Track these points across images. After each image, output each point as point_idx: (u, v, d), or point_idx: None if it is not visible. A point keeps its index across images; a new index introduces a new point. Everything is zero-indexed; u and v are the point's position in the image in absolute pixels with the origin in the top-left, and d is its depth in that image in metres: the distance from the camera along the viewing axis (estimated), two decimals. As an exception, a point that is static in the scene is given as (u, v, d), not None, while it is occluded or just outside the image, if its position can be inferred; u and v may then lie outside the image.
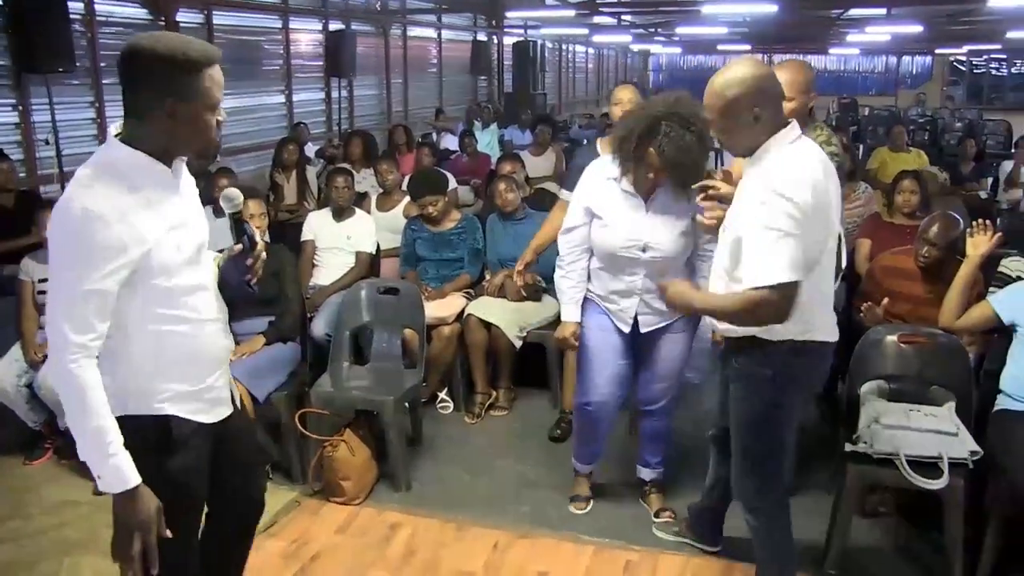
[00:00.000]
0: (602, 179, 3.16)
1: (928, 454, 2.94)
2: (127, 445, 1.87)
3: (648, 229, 3.09)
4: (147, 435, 1.98)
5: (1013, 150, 9.10)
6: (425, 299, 4.39)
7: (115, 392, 1.89)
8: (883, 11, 13.92)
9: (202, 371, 2.08)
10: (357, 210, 4.97)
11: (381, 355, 4.14)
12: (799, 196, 2.29)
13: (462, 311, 4.54)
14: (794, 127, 2.45)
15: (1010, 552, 2.96)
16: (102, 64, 7.65)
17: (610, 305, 3.27)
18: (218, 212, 5.16)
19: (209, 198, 5.31)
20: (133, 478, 1.86)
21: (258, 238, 2.20)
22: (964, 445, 2.97)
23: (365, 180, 6.78)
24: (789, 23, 17.20)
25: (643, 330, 3.26)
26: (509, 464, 4.02)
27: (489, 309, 4.46)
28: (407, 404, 4.01)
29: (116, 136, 1.92)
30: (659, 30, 21.00)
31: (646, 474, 3.62)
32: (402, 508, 3.63)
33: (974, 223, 3.47)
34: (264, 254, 2.21)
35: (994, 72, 32.24)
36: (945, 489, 2.89)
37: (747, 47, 26.99)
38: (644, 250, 3.10)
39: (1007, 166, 7.77)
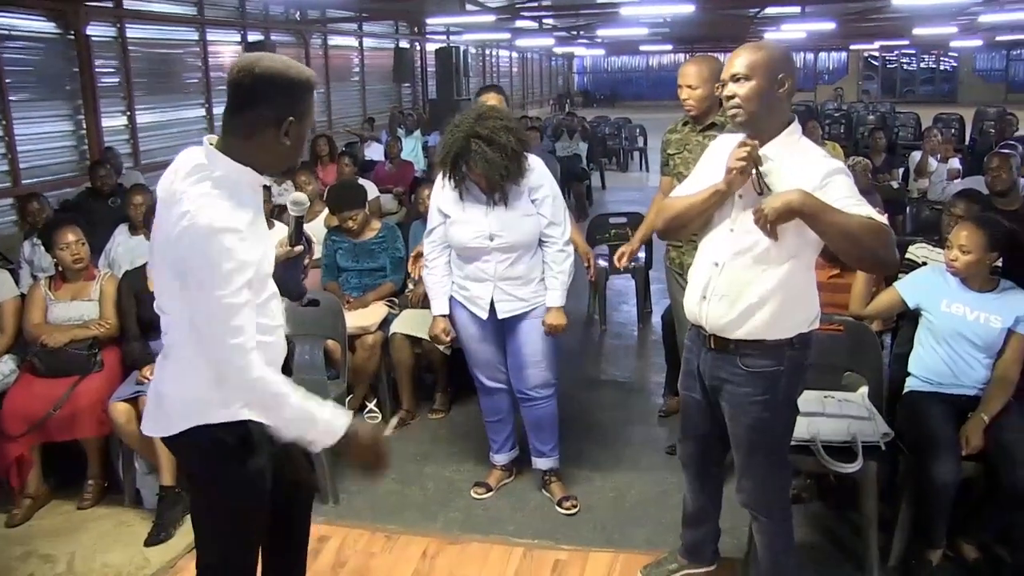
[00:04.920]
0: (447, 183, 3.42)
1: (842, 439, 3.03)
2: (206, 452, 2.06)
3: (492, 221, 3.37)
4: (228, 441, 2.05)
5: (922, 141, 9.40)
6: (348, 309, 4.36)
7: (195, 402, 2.01)
8: (797, 9, 14.27)
9: None
10: (276, 222, 4.91)
11: (304, 367, 4.08)
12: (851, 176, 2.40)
13: (385, 319, 4.52)
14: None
15: (922, 527, 3.06)
16: (8, 80, 7.44)
17: (467, 292, 3.52)
18: (133, 230, 5.07)
19: (124, 216, 5.22)
20: (342, 424, 2.04)
21: (314, 240, 2.38)
22: (876, 428, 3.07)
23: (287, 192, 6.69)
24: (708, 22, 17.51)
25: (501, 316, 3.48)
26: (438, 471, 4.01)
27: (414, 323, 4.44)
28: (332, 415, 3.97)
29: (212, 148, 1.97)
30: (581, 32, 21.19)
31: (541, 463, 3.72)
32: (330, 520, 3.59)
33: None
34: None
35: (905, 67, 33.36)
36: (859, 472, 2.98)
37: (668, 47, 27.48)
38: (491, 239, 3.37)
39: (916, 156, 7.99)
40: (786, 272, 2.41)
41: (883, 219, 2.31)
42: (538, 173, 3.40)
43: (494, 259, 3.41)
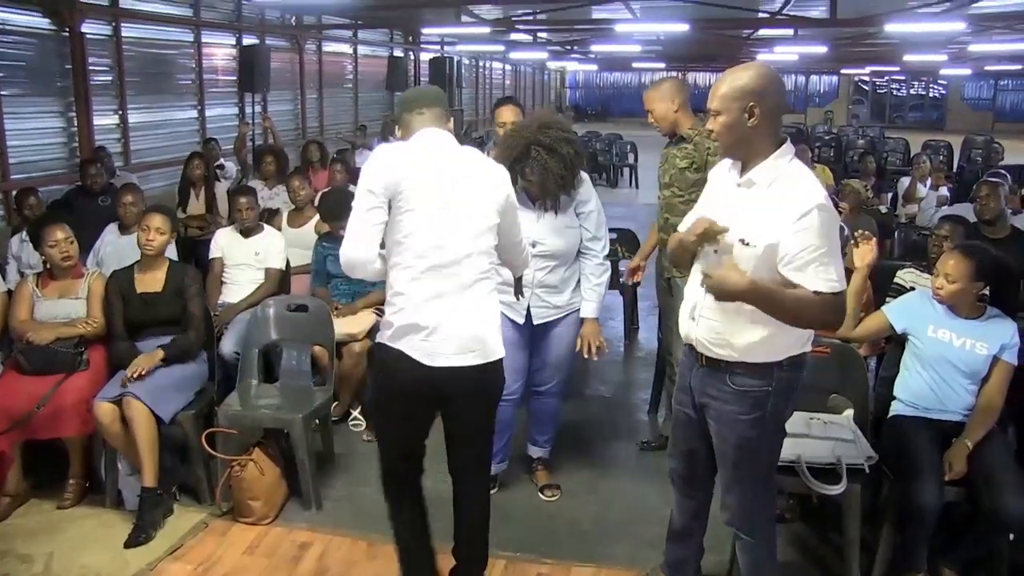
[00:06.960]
0: None
1: (827, 460, 3.04)
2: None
3: (536, 228, 3.45)
4: None
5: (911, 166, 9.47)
6: (337, 315, 4.36)
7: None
8: (790, 32, 14.37)
9: None
10: (266, 227, 4.91)
11: (290, 373, 4.08)
12: (833, 211, 2.39)
13: (373, 327, 4.51)
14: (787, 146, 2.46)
15: (904, 550, 3.07)
16: (1, 74, 7.39)
17: (505, 298, 3.47)
18: (123, 230, 5.04)
19: (114, 215, 5.19)
20: None
21: None
22: (860, 451, 3.08)
23: (278, 196, 6.69)
24: (701, 42, 17.60)
25: (536, 322, 3.58)
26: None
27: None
28: (317, 422, 3.96)
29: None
30: (575, 47, 21.25)
31: (534, 451, 3.95)
32: (312, 527, 3.58)
33: (855, 234, 3.61)
34: None
35: (895, 92, 33.64)
36: (843, 494, 2.99)
37: (661, 65, 27.58)
38: (533, 246, 3.40)
39: (905, 182, 8.05)
40: None
41: (837, 285, 2.32)
42: (587, 187, 3.56)
43: (533, 266, 3.45)
